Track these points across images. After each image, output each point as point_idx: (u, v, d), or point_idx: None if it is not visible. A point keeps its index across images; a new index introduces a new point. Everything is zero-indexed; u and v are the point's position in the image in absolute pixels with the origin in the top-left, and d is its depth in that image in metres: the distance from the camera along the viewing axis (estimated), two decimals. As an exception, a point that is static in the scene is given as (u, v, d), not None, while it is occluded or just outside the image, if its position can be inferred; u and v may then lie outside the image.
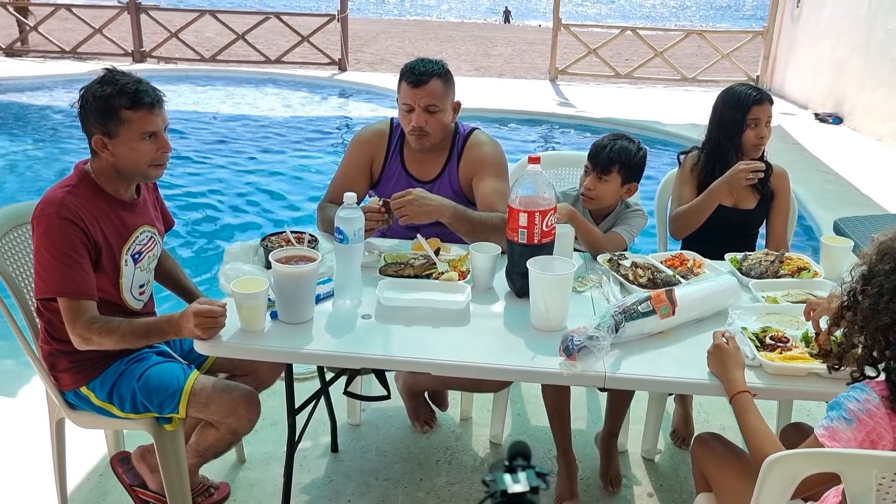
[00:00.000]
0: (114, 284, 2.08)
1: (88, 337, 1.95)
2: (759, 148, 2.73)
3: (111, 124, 1.95)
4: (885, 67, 8.40)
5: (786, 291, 2.19)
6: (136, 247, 2.12)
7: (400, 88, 2.52)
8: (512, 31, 25.55)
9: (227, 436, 2.12)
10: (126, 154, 1.99)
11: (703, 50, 13.65)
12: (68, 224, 1.93)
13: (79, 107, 1.98)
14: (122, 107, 1.94)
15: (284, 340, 1.87)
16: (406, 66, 2.51)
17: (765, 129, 2.71)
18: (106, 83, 1.95)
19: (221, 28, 12.38)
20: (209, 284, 4.45)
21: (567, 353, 1.75)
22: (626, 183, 2.57)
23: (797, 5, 11.00)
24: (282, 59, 12.11)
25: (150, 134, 1.99)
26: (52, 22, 12.65)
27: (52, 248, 1.92)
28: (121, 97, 1.94)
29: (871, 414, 1.40)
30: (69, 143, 7.70)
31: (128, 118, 1.95)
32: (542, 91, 11.11)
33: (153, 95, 1.99)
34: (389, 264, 2.24)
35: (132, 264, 2.11)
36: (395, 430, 2.86)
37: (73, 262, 1.93)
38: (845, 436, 1.40)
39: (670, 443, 2.84)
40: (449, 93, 2.52)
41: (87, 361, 2.08)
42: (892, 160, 7.55)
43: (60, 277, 1.92)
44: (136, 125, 1.96)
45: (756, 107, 2.68)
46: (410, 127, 2.50)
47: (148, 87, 2.00)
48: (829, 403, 1.47)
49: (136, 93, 1.95)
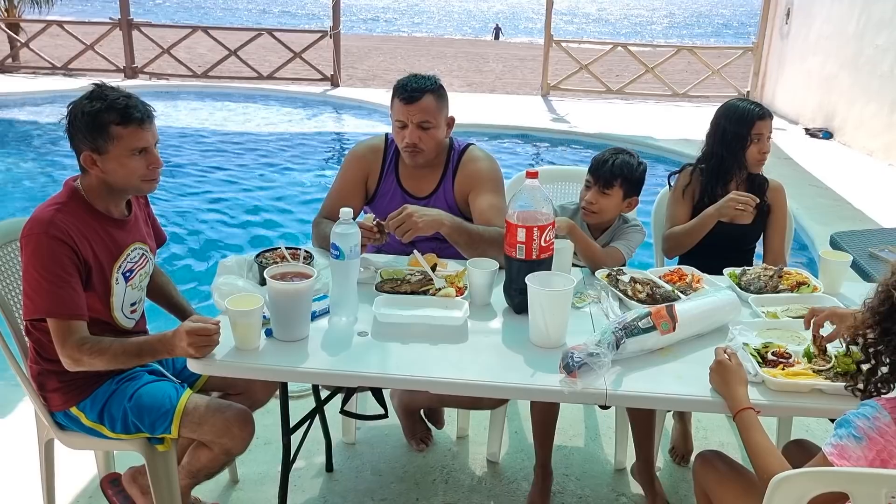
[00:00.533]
0: (104, 303, 2.04)
1: (79, 358, 1.91)
2: (761, 163, 2.74)
3: (101, 140, 1.91)
4: (874, 83, 8.47)
5: (786, 306, 2.17)
6: (128, 265, 2.09)
7: (393, 105, 2.50)
8: (503, 47, 25.68)
9: (221, 456, 2.08)
10: (116, 170, 1.95)
11: (694, 66, 13.73)
12: (58, 243, 1.89)
13: (67, 123, 1.95)
14: (111, 122, 1.90)
15: (279, 358, 1.83)
16: (399, 82, 2.50)
17: (767, 145, 2.73)
18: (95, 99, 1.92)
19: (214, 44, 12.39)
20: (200, 300, 4.42)
21: (567, 371, 1.72)
22: (628, 197, 2.56)
23: (786, 22, 11.10)
24: (274, 76, 12.11)
25: (141, 150, 1.96)
26: (44, 38, 12.63)
27: (41, 267, 1.88)
28: (110, 113, 1.90)
29: (881, 432, 1.37)
30: (60, 159, 7.66)
31: (117, 134, 1.91)
32: (535, 106, 11.14)
33: (143, 111, 1.95)
34: (386, 280, 2.21)
35: (123, 283, 2.07)
36: (390, 448, 2.82)
37: (62, 281, 1.89)
38: (855, 454, 1.37)
39: (669, 459, 2.81)
40: (442, 109, 2.51)
41: (77, 381, 2.04)
42: (883, 174, 7.60)
43: (50, 298, 1.88)
44: (126, 141, 1.92)
45: (760, 122, 2.70)
46: (404, 143, 2.48)
47: (138, 102, 1.96)
48: (838, 421, 1.44)
49: (125, 108, 1.91)
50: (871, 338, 1.50)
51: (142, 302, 2.20)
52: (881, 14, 8.40)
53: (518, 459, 2.77)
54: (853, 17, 9.05)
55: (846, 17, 9.23)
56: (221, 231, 5.89)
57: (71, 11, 19.64)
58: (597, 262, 2.43)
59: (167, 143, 8.46)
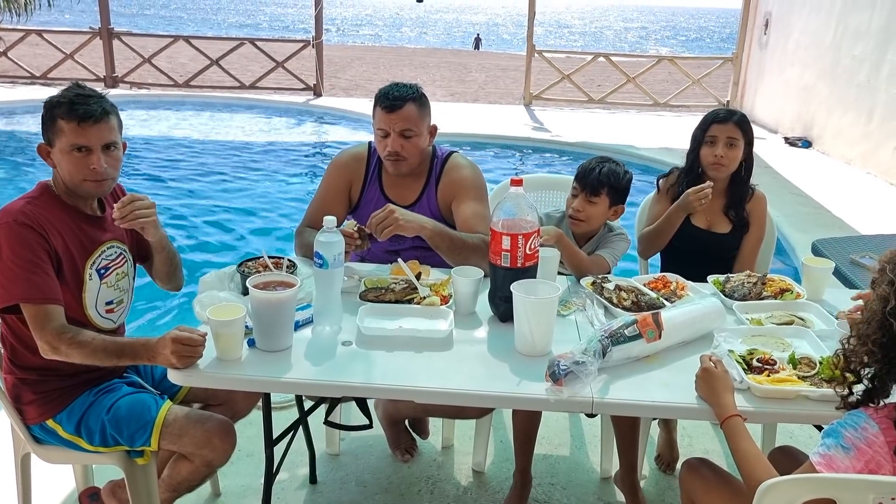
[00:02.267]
0: (76, 298, 2.00)
1: (57, 346, 1.86)
2: (717, 167, 2.72)
3: (50, 133, 1.95)
4: (851, 92, 8.58)
5: (770, 313, 2.18)
6: (102, 261, 2.06)
7: (375, 114, 2.49)
8: (486, 57, 25.80)
9: (202, 468, 2.05)
10: (60, 164, 1.97)
11: (674, 76, 13.88)
12: (27, 229, 1.88)
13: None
14: (59, 116, 1.92)
15: (262, 369, 1.81)
16: (380, 91, 2.49)
17: (721, 149, 2.69)
18: (63, 92, 1.95)
19: (195, 54, 12.33)
20: (179, 311, 4.37)
21: (553, 379, 1.71)
22: (614, 205, 2.58)
23: (765, 32, 11.24)
24: (256, 85, 12.07)
25: (81, 147, 1.93)
26: (22, 47, 12.50)
27: (11, 254, 1.86)
28: (60, 107, 1.92)
29: (869, 443, 1.37)
30: (38, 169, 7.56)
31: (60, 128, 1.93)
32: (517, 116, 11.18)
33: (92, 109, 1.92)
34: (370, 289, 2.19)
35: (97, 279, 2.05)
36: (375, 459, 2.79)
37: (35, 266, 1.87)
38: (843, 465, 1.37)
39: (655, 467, 2.80)
40: (424, 117, 2.50)
41: (53, 393, 2.01)
42: (861, 182, 7.69)
43: (23, 283, 1.86)
44: (67, 137, 1.92)
45: (716, 124, 2.72)
46: (386, 152, 2.47)
47: (92, 102, 1.93)
48: (826, 430, 1.44)
49: (72, 103, 1.91)
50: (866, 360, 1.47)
51: (122, 304, 2.15)
52: (857, 25, 8.53)
53: (504, 469, 2.75)
54: (830, 28, 9.18)
55: (823, 28, 9.36)
56: (202, 241, 5.83)
57: (50, 20, 19.47)
58: (583, 270, 2.43)
59: (148, 152, 8.38)
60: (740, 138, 2.70)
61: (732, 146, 2.70)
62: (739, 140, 2.70)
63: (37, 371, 1.97)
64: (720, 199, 2.81)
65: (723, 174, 2.74)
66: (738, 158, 2.73)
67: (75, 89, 1.96)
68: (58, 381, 2.00)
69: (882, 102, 7.95)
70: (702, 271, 2.47)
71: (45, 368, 1.98)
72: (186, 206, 6.64)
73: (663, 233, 2.74)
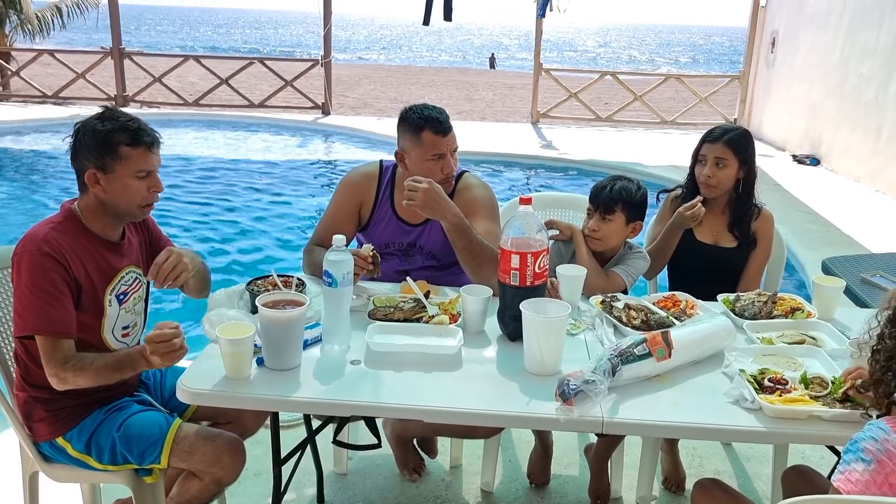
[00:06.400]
0: (95, 324, 2.02)
1: (64, 376, 1.89)
2: (707, 186, 2.72)
3: (108, 159, 1.95)
4: (859, 110, 8.58)
5: (781, 332, 2.17)
6: (121, 287, 2.08)
7: (423, 139, 2.47)
8: (493, 75, 25.93)
9: (211, 486, 2.04)
10: (118, 191, 1.98)
11: (681, 94, 13.92)
12: (50, 260, 1.90)
13: (73, 141, 1.98)
14: (121, 143, 1.95)
15: (271, 388, 1.80)
16: (421, 115, 2.48)
17: (709, 169, 2.70)
18: (106, 119, 1.97)
19: (205, 73, 12.45)
20: (190, 328, 4.37)
21: (563, 398, 1.70)
22: (631, 222, 2.56)
23: (771, 51, 11.27)
24: (265, 104, 12.16)
25: (146, 173, 2.00)
26: (35, 67, 12.66)
27: (32, 284, 1.88)
28: (122, 133, 1.95)
29: (890, 455, 1.34)
30: (50, 187, 7.63)
31: (126, 154, 1.96)
32: (525, 134, 11.22)
33: (152, 135, 2.02)
34: (378, 308, 2.19)
35: (117, 305, 2.07)
36: (383, 479, 2.77)
37: (53, 299, 1.89)
38: (863, 478, 1.33)
39: (663, 489, 2.77)
40: None
41: (64, 410, 2.01)
42: (870, 200, 7.67)
43: (39, 315, 1.87)
44: (133, 162, 1.97)
45: (707, 143, 2.73)
46: (445, 174, 2.49)
47: (147, 126, 2.03)
48: (845, 448, 1.41)
49: (137, 131, 1.97)
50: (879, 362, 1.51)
51: (136, 328, 2.17)
52: (865, 43, 8.54)
53: (512, 489, 2.73)
54: (837, 47, 9.20)
55: (830, 46, 9.38)
56: (212, 259, 5.85)
57: (62, 41, 19.71)
58: (592, 282, 2.41)
59: (157, 171, 8.42)
60: (730, 158, 2.68)
61: (722, 166, 2.69)
62: (729, 160, 2.69)
63: (49, 389, 1.97)
64: (724, 216, 2.80)
65: (713, 194, 2.74)
66: (729, 178, 2.71)
67: (121, 115, 2.00)
68: (69, 399, 2.01)
69: (890, 120, 7.94)
70: (708, 288, 2.45)
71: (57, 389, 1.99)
72: (195, 223, 6.67)
73: (663, 252, 2.74)
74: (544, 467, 2.77)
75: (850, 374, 1.75)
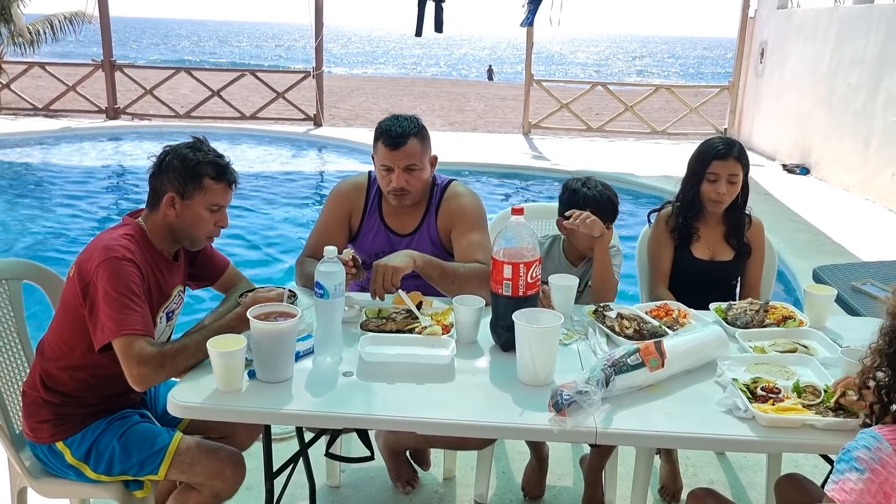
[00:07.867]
0: None
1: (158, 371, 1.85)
2: (717, 203, 2.71)
3: (190, 187, 2.03)
4: (848, 120, 8.64)
5: (773, 341, 2.17)
6: (172, 305, 2.15)
7: (377, 149, 2.50)
8: (485, 87, 26.03)
9: (209, 500, 2.04)
10: (190, 218, 2.05)
11: (672, 104, 13.99)
12: (132, 266, 1.94)
13: (158, 161, 2.06)
14: (207, 175, 2.05)
15: (263, 400, 1.79)
16: (381, 126, 2.49)
17: (723, 186, 2.67)
18: (196, 149, 2.08)
19: (196, 85, 12.44)
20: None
21: (557, 409, 1.69)
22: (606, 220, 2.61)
23: (760, 61, 11.35)
24: (257, 115, 12.16)
25: (218, 207, 2.09)
26: (25, 80, 12.63)
27: (124, 289, 1.89)
28: (210, 166, 2.06)
29: (883, 463, 1.33)
30: (40, 200, 7.59)
31: (208, 187, 2.05)
32: (516, 145, 11.25)
33: (234, 175, 2.13)
34: (371, 319, 2.18)
35: (164, 323, 2.12)
36: (376, 491, 2.75)
37: (139, 299, 1.92)
38: (857, 487, 1.32)
39: (659, 499, 2.76)
40: (426, 150, 2.52)
41: (71, 417, 2.03)
42: (860, 209, 7.71)
43: (128, 316, 1.87)
44: (211, 195, 2.06)
45: (717, 161, 2.67)
46: (391, 188, 2.48)
47: (230, 165, 2.13)
48: (838, 458, 1.41)
49: (225, 167, 2.09)
50: (883, 379, 1.49)
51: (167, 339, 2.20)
52: (852, 54, 8.62)
53: (506, 500, 2.71)
54: (825, 57, 9.28)
55: (819, 57, 9.46)
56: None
57: (52, 53, 19.66)
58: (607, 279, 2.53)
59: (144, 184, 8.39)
60: (740, 172, 2.69)
61: (733, 183, 2.69)
62: (740, 174, 2.69)
63: (64, 396, 2.00)
64: (720, 228, 2.81)
65: (720, 209, 2.75)
66: (737, 191, 2.72)
67: (210, 149, 2.10)
68: (79, 407, 2.03)
69: (879, 129, 8.00)
70: (704, 299, 2.46)
71: (72, 395, 2.02)
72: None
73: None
74: (539, 481, 2.75)
75: (839, 383, 1.75)
